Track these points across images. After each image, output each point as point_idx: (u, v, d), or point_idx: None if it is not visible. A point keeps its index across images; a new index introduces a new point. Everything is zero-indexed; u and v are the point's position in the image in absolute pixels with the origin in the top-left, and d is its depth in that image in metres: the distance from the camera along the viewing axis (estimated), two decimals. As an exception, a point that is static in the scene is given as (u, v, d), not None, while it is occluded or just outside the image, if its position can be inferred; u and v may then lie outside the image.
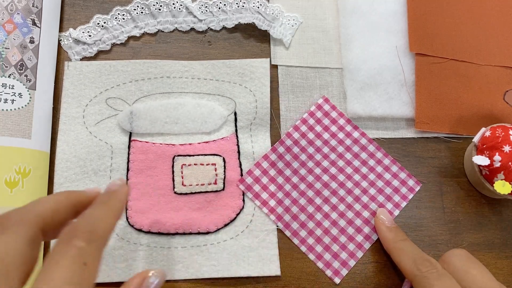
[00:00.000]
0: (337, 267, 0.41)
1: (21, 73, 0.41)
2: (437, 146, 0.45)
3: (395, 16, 0.47)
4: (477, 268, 0.34)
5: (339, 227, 0.42)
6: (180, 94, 0.45)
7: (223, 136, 0.44)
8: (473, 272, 0.34)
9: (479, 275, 0.34)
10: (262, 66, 0.46)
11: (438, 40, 0.47)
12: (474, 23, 0.48)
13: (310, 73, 0.47)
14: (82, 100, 0.44)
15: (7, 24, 0.42)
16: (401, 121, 0.46)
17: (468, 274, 0.34)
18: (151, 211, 0.42)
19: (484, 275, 0.34)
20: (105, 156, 0.43)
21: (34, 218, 0.25)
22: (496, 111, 0.45)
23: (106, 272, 0.41)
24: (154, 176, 0.43)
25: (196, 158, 0.43)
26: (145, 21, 0.47)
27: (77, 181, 0.42)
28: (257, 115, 0.45)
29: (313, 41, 0.48)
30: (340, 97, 0.46)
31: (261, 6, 0.47)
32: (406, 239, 0.39)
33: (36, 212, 0.25)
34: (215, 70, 0.45)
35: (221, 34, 0.47)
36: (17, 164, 0.40)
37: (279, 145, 0.44)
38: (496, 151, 0.39)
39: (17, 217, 0.24)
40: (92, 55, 0.46)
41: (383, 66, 0.46)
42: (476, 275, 0.34)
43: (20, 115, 0.41)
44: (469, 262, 0.35)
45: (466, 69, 0.46)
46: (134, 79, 0.45)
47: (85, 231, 0.25)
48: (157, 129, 0.43)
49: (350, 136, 0.45)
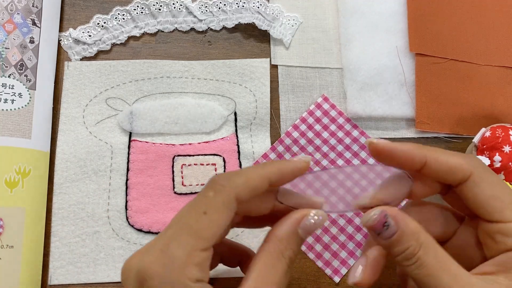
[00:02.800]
0: (336, 266, 0.41)
1: (21, 73, 0.41)
2: (437, 146, 0.45)
3: (395, 16, 0.47)
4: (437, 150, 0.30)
5: (339, 226, 0.42)
6: (180, 94, 0.45)
7: (223, 136, 0.44)
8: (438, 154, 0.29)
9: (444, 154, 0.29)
10: (262, 66, 0.46)
11: (438, 40, 0.47)
12: (474, 23, 0.48)
13: (310, 73, 0.47)
14: (82, 100, 0.44)
15: (7, 24, 0.42)
16: (401, 121, 0.46)
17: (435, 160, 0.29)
18: (151, 211, 0.42)
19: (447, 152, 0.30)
20: (105, 156, 0.43)
21: (231, 189, 0.27)
22: (496, 111, 0.45)
23: (106, 272, 0.41)
24: (154, 176, 0.43)
25: (196, 158, 0.43)
26: (145, 21, 0.47)
27: (77, 181, 0.42)
28: (257, 115, 0.45)
29: (313, 41, 0.48)
30: (340, 97, 0.46)
31: (261, 6, 0.47)
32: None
33: (234, 184, 0.27)
34: (215, 70, 0.45)
35: (221, 34, 0.47)
36: (17, 164, 0.40)
37: (279, 144, 0.44)
38: (496, 152, 0.39)
39: (224, 182, 0.27)
40: (92, 55, 0.46)
41: (383, 66, 0.46)
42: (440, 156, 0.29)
43: (20, 115, 0.41)
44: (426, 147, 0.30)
45: (466, 69, 0.46)
46: (134, 79, 0.45)
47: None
48: (157, 129, 0.43)
49: (350, 135, 0.45)
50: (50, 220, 0.42)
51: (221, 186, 0.27)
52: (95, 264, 0.41)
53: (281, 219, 0.29)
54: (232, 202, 0.27)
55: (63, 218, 0.42)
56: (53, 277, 0.40)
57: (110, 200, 0.42)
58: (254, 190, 0.28)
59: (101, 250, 0.41)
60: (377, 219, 0.28)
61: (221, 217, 0.27)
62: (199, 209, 0.27)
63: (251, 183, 0.28)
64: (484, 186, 0.28)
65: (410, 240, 0.28)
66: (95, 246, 0.41)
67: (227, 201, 0.27)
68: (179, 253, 0.26)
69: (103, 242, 0.41)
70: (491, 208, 0.28)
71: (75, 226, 0.41)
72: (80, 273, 0.40)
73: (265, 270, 0.28)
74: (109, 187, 0.42)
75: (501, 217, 0.27)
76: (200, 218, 0.26)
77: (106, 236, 0.41)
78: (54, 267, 0.40)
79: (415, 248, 0.27)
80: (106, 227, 0.42)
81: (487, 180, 0.28)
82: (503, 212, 0.27)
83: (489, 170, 0.29)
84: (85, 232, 0.41)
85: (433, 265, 0.27)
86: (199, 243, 0.26)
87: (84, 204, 0.42)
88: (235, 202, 0.27)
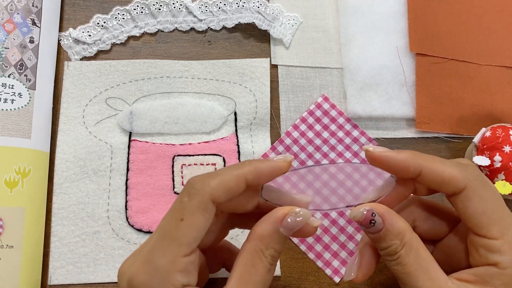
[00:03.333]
0: (336, 266, 0.41)
1: (21, 73, 0.41)
2: (437, 146, 0.45)
3: (395, 16, 0.47)
4: (434, 160, 0.30)
5: (339, 226, 0.42)
6: (180, 94, 0.45)
7: (223, 136, 0.44)
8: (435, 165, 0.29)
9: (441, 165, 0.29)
10: (262, 65, 0.46)
11: (438, 40, 0.47)
12: (474, 23, 0.48)
13: (310, 73, 0.47)
14: (82, 100, 0.44)
15: (7, 24, 0.42)
16: (401, 121, 0.46)
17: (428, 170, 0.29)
18: (151, 211, 0.42)
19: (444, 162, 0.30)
20: (105, 156, 0.43)
21: (206, 192, 0.27)
22: (496, 111, 0.45)
23: (106, 272, 0.41)
24: (154, 176, 0.43)
25: (196, 158, 0.43)
26: (145, 21, 0.47)
27: (77, 181, 0.42)
28: (257, 115, 0.45)
29: (313, 41, 0.48)
30: (340, 97, 0.46)
31: (261, 6, 0.46)
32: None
33: (208, 187, 0.28)
34: (215, 70, 0.45)
35: (221, 34, 0.47)
36: (17, 164, 0.40)
37: (279, 144, 0.44)
38: (496, 152, 0.39)
39: (198, 186, 0.28)
40: (92, 55, 0.46)
41: (383, 66, 0.46)
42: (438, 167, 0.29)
43: (20, 115, 0.41)
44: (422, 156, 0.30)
45: (466, 69, 0.46)
46: (134, 79, 0.45)
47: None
48: (157, 129, 0.43)
49: (350, 134, 0.45)
50: (50, 220, 0.41)
51: (195, 190, 0.27)
52: (95, 264, 0.41)
53: (262, 218, 0.29)
54: (208, 205, 0.27)
55: (63, 218, 0.42)
56: (53, 277, 0.40)
57: (110, 200, 0.42)
58: (230, 191, 0.28)
59: (101, 250, 0.41)
60: (365, 215, 0.29)
61: (198, 221, 0.27)
62: (177, 215, 0.27)
63: (226, 184, 0.28)
64: (475, 200, 0.28)
65: (393, 238, 0.29)
66: (95, 246, 0.41)
67: (202, 205, 0.27)
68: (163, 261, 0.26)
69: (103, 242, 0.41)
70: (479, 223, 0.28)
71: (75, 226, 0.41)
72: (80, 273, 0.40)
73: (245, 269, 0.28)
74: (109, 187, 0.42)
75: (486, 232, 0.28)
76: (178, 225, 0.27)
77: (106, 236, 0.41)
78: (54, 267, 0.40)
79: (397, 247, 0.29)
80: (106, 227, 0.42)
81: (480, 195, 0.28)
82: (489, 228, 0.28)
83: (484, 184, 0.29)
84: (85, 232, 0.41)
85: (411, 264, 0.28)
86: (180, 250, 0.27)
87: (84, 204, 0.42)
88: (212, 204, 0.27)
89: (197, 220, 0.27)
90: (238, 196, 0.29)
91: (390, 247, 0.29)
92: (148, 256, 0.27)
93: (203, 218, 0.27)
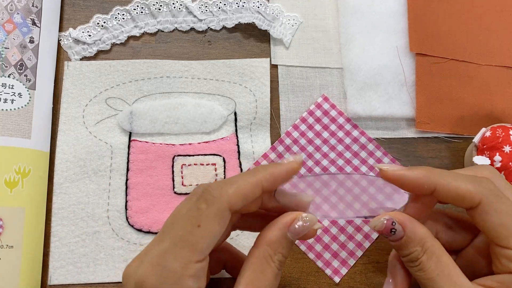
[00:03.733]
0: (336, 266, 0.41)
1: (21, 73, 0.41)
2: (437, 146, 0.45)
3: (395, 16, 0.47)
4: (448, 175, 0.30)
5: (339, 226, 0.42)
6: (180, 94, 0.45)
7: (223, 136, 0.44)
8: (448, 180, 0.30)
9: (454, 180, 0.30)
10: (262, 65, 0.46)
11: (438, 40, 0.47)
12: (474, 23, 0.48)
13: (310, 73, 0.47)
14: (82, 100, 0.44)
15: (6, 24, 0.42)
16: (401, 121, 0.46)
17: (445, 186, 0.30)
18: (151, 211, 0.42)
19: (460, 177, 0.30)
20: (105, 156, 0.43)
21: (224, 200, 0.28)
22: (496, 111, 0.45)
23: (106, 272, 0.41)
24: (154, 176, 0.43)
25: (196, 158, 0.43)
26: (145, 21, 0.47)
27: (77, 181, 0.42)
28: (257, 115, 0.45)
29: (313, 41, 0.48)
30: (340, 97, 0.46)
31: (261, 6, 0.46)
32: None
33: (226, 195, 0.28)
34: (215, 70, 0.45)
35: (221, 34, 0.47)
36: (17, 164, 0.40)
37: (279, 144, 0.44)
38: (496, 151, 0.39)
39: (215, 193, 0.28)
40: (92, 55, 0.46)
41: (383, 66, 0.46)
42: (451, 183, 0.30)
43: (20, 115, 0.41)
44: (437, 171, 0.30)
45: (466, 69, 0.46)
46: (134, 79, 0.45)
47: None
48: (157, 129, 0.43)
49: (350, 134, 0.45)
50: (50, 220, 0.41)
51: (213, 198, 0.28)
52: (95, 264, 0.41)
53: (270, 223, 0.30)
54: (225, 213, 0.28)
55: (63, 218, 0.42)
56: (53, 277, 0.40)
57: (110, 200, 0.42)
58: (246, 198, 0.28)
59: (101, 250, 0.41)
60: (385, 225, 0.30)
61: (215, 229, 0.27)
62: (193, 222, 0.27)
63: (243, 191, 0.28)
64: (492, 214, 0.29)
65: (415, 245, 0.29)
66: (95, 246, 0.41)
67: (220, 213, 0.27)
68: (175, 266, 0.27)
69: (103, 242, 0.41)
70: (498, 234, 0.29)
71: (75, 226, 0.41)
72: (80, 273, 0.40)
73: (254, 275, 0.28)
74: (109, 187, 0.42)
75: (507, 243, 0.29)
76: (194, 231, 0.27)
77: (106, 236, 0.41)
78: (54, 267, 0.40)
79: (419, 253, 0.29)
80: (106, 227, 0.42)
81: (496, 208, 0.29)
82: (509, 240, 0.29)
83: (499, 197, 0.29)
84: (85, 232, 0.41)
85: (433, 270, 0.29)
86: (194, 256, 0.27)
87: (84, 204, 0.42)
88: (228, 212, 0.28)
89: (213, 227, 0.27)
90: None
91: (412, 254, 0.30)
92: (159, 260, 0.27)
93: (219, 226, 0.28)
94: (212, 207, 0.27)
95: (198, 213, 0.28)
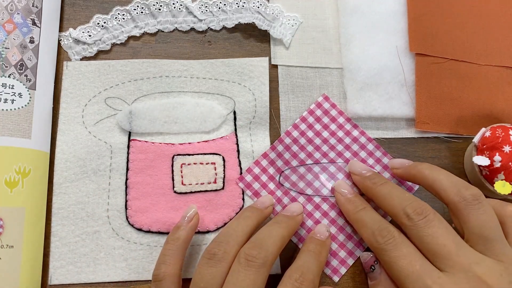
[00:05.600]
0: (335, 265, 0.41)
1: (21, 73, 0.41)
2: (437, 146, 0.45)
3: (395, 16, 0.47)
4: (443, 174, 0.36)
5: (338, 226, 0.42)
6: (179, 93, 0.45)
7: (223, 135, 0.44)
8: (441, 177, 0.35)
9: (445, 180, 0.35)
10: (261, 65, 0.46)
11: (438, 40, 0.47)
12: (474, 23, 0.48)
13: (310, 73, 0.47)
14: (81, 100, 0.44)
15: (7, 24, 0.42)
16: (401, 121, 0.46)
17: (436, 181, 0.35)
18: (151, 211, 0.42)
19: (451, 179, 0.35)
20: (105, 156, 0.43)
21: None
22: (496, 111, 0.45)
23: (106, 272, 0.41)
24: (154, 176, 0.43)
25: (196, 157, 0.43)
26: (145, 21, 0.47)
27: (76, 181, 0.42)
28: (256, 114, 0.45)
29: (313, 41, 0.48)
30: (340, 97, 0.46)
31: (261, 6, 0.47)
32: (365, 208, 0.38)
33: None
34: (214, 69, 0.45)
35: (221, 34, 0.48)
36: (17, 164, 0.40)
37: (279, 143, 0.44)
38: (496, 151, 0.39)
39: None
40: (92, 55, 0.46)
41: (383, 66, 0.46)
42: (443, 180, 0.35)
43: (20, 115, 0.41)
44: (437, 169, 0.37)
45: (466, 69, 0.46)
46: (133, 79, 0.45)
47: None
48: (157, 128, 0.44)
49: (350, 134, 0.45)
50: (50, 220, 0.42)
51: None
52: (95, 264, 0.41)
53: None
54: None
55: (63, 218, 0.42)
56: (53, 277, 0.40)
57: (110, 200, 0.42)
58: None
59: (101, 249, 0.41)
60: (367, 260, 0.38)
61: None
62: None
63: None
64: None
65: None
66: (95, 246, 0.41)
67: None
68: None
69: (103, 241, 0.41)
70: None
71: (75, 226, 0.42)
72: (80, 273, 0.41)
73: None
74: (109, 186, 0.42)
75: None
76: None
77: (106, 236, 0.41)
78: (54, 267, 0.41)
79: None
80: (106, 227, 0.42)
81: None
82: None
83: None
84: (85, 232, 0.41)
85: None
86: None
87: (84, 204, 0.42)
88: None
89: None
90: None
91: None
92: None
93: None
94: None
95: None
